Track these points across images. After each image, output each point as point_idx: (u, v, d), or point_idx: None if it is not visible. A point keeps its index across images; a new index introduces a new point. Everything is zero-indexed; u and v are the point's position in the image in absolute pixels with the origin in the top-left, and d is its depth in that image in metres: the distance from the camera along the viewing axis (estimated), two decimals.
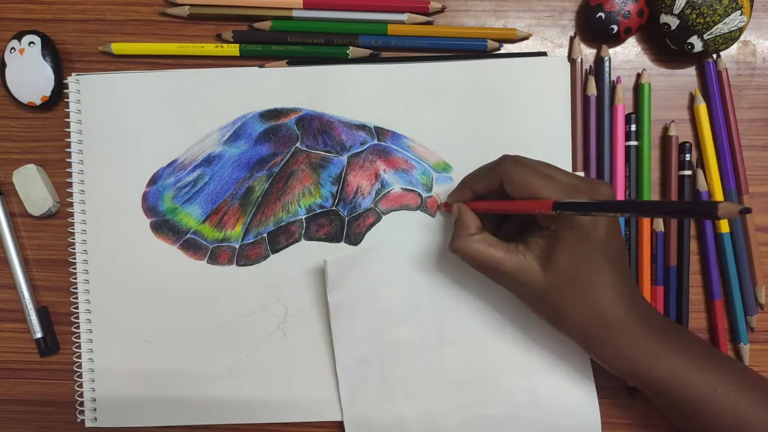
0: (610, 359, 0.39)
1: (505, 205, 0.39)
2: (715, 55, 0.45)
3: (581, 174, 0.45)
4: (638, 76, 0.46)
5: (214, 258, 0.46)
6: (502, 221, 0.43)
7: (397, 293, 0.45)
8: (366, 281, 0.45)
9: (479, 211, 0.40)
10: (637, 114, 0.45)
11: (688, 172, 0.45)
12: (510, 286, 0.39)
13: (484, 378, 0.45)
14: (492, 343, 0.45)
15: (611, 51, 0.46)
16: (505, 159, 0.39)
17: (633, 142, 0.45)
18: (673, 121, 0.45)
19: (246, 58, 0.47)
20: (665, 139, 0.45)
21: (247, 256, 0.46)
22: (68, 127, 0.47)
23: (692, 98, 0.45)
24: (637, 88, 0.45)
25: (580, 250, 0.36)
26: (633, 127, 0.45)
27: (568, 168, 0.45)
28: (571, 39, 0.46)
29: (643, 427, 0.46)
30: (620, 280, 0.37)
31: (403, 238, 0.46)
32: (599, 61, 0.45)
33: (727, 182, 0.44)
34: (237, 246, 0.46)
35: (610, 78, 0.45)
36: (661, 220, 0.44)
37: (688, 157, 0.45)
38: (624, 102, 0.45)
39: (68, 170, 0.47)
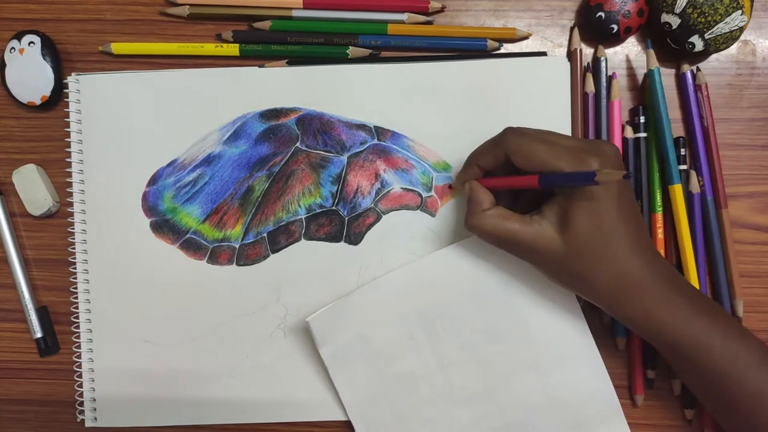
0: (636, 320, 0.38)
1: (512, 182, 0.39)
2: (695, 68, 0.45)
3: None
4: (646, 76, 0.45)
5: (214, 258, 0.46)
6: (517, 194, 0.43)
7: (387, 330, 0.45)
8: (353, 328, 0.44)
9: (490, 188, 0.40)
10: (646, 109, 0.45)
11: (684, 167, 0.44)
12: (530, 257, 0.39)
13: (493, 387, 0.44)
14: (493, 350, 0.44)
15: (611, 50, 0.46)
16: (508, 131, 0.39)
17: (642, 134, 0.45)
18: None
19: (246, 58, 0.47)
20: None
21: (247, 255, 0.46)
22: (68, 126, 0.47)
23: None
24: (643, 88, 0.45)
25: (594, 212, 0.36)
26: (642, 119, 0.45)
27: None
28: (571, 30, 0.46)
29: (645, 427, 0.46)
30: (638, 237, 0.37)
31: (402, 240, 0.46)
32: (596, 61, 0.45)
33: (704, 191, 0.44)
34: (237, 246, 0.46)
35: (607, 77, 0.45)
36: None
37: (683, 152, 0.45)
38: (620, 98, 0.45)
39: (68, 170, 0.47)
